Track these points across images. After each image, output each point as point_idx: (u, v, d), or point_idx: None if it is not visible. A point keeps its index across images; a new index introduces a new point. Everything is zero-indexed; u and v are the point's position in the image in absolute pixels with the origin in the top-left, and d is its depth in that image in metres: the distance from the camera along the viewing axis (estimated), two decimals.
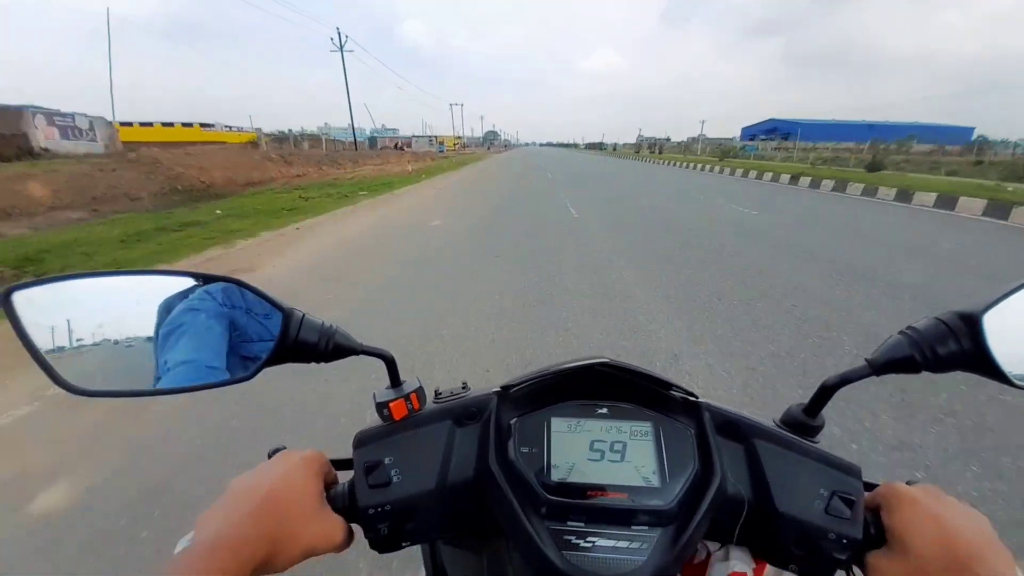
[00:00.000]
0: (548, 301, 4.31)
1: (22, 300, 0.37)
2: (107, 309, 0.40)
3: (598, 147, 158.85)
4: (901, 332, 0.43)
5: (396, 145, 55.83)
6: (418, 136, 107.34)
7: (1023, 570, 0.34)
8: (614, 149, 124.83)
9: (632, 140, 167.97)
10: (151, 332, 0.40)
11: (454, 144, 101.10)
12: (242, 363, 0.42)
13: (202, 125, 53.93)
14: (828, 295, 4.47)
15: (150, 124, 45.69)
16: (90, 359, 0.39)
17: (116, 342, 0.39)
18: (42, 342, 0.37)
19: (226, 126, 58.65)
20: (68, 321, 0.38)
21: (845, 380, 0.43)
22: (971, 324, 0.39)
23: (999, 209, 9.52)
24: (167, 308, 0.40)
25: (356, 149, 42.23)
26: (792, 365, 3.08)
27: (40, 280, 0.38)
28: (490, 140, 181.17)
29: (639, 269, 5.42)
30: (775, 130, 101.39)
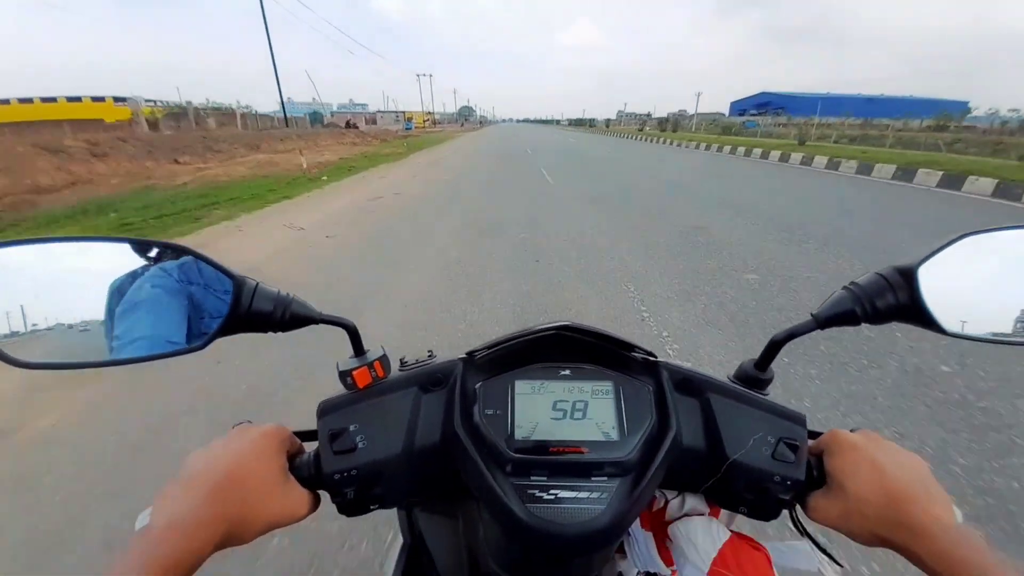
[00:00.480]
0: None
1: None
2: (54, 279, 0.37)
3: (587, 124, 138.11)
4: (845, 287, 0.44)
5: (347, 123, 45.35)
6: (384, 112, 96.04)
7: (960, 511, 0.36)
8: (607, 126, 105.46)
9: (612, 116, 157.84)
10: (103, 304, 0.38)
11: (424, 120, 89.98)
12: (201, 339, 0.41)
13: (116, 99, 44.96)
14: None
15: (7, 101, 34.47)
16: (36, 331, 0.36)
17: (65, 314, 0.37)
18: None
19: (148, 100, 49.85)
20: (10, 291, 0.36)
21: (792, 335, 0.45)
22: (907, 277, 0.41)
23: None
24: (122, 283, 0.38)
25: (287, 126, 32.21)
26: None
27: None
28: (465, 116, 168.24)
29: None
30: (768, 104, 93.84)
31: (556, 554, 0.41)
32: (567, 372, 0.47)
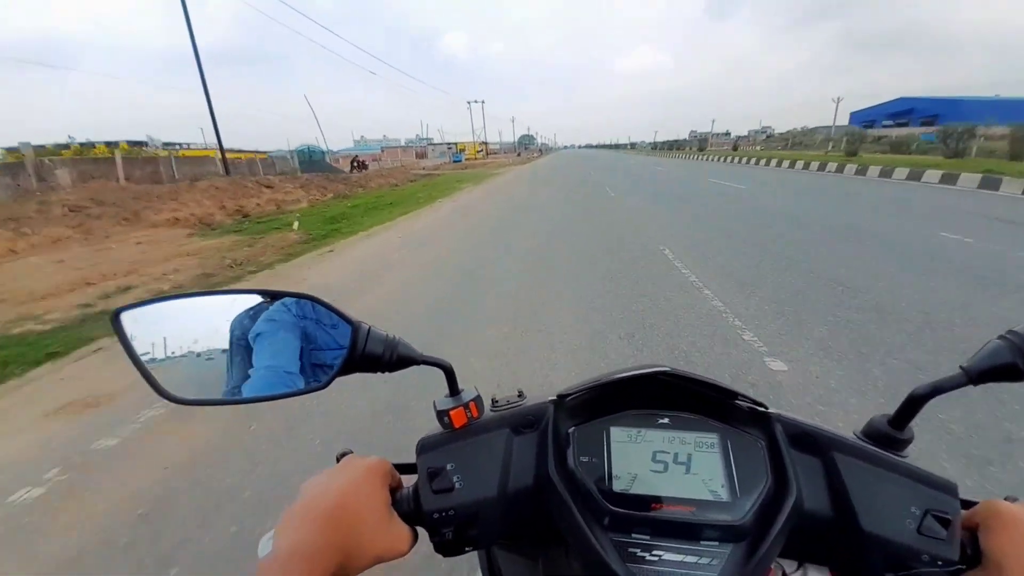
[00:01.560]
0: None
1: (127, 319, 0.41)
2: (198, 324, 0.43)
3: (696, 146, 71.31)
4: (1000, 337, 0.39)
5: (355, 161, 33.13)
6: (434, 144, 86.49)
7: None
8: (735, 147, 58.73)
9: (685, 136, 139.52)
10: (236, 344, 0.43)
11: (476, 151, 78.40)
12: (313, 370, 0.44)
13: (130, 143, 38.42)
14: None
15: None
16: (183, 370, 0.42)
17: (202, 354, 0.42)
18: (142, 355, 0.41)
19: (165, 143, 43.27)
20: (163, 336, 0.42)
21: (937, 390, 0.39)
22: None
23: None
24: (244, 321, 0.43)
25: (227, 173, 19.82)
26: None
27: (140, 302, 0.42)
28: (524, 144, 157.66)
29: None
30: (911, 112, 72.15)
31: None
32: (665, 421, 0.44)
